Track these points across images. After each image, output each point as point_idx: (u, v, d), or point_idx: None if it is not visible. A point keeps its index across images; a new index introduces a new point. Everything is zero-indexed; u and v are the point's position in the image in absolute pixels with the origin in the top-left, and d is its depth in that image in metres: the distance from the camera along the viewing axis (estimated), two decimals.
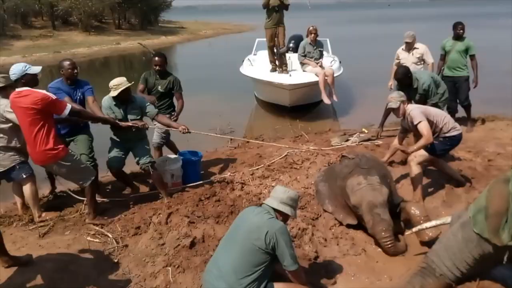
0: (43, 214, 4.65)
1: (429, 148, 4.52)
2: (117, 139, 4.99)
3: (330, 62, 10.19)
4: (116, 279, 3.78)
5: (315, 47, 9.10)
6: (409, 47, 7.14)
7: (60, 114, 4.15)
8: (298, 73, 9.18)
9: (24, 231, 4.50)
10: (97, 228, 4.47)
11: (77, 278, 3.71)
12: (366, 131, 7.21)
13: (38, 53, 20.29)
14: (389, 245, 3.82)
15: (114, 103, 4.88)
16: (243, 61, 11.20)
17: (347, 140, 6.71)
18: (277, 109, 9.71)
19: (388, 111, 5.55)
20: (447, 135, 4.50)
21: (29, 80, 4.22)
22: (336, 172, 4.58)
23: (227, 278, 2.88)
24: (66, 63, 4.91)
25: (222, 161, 6.46)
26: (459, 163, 5.63)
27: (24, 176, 4.56)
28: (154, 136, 5.93)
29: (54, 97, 4.12)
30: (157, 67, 5.69)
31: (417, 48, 7.12)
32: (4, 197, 5.16)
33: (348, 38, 21.77)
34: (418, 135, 4.65)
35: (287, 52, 9.64)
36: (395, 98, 4.65)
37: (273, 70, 9.44)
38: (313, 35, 8.92)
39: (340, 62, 10.84)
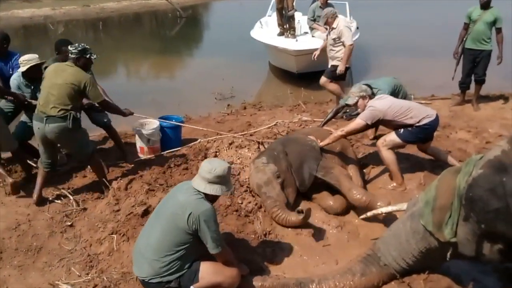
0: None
1: (401, 134, 4.23)
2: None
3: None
4: (65, 241, 3.80)
5: None
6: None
7: None
8: (306, 38, 8.76)
9: None
10: (62, 189, 4.47)
11: (25, 238, 3.75)
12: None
13: (67, 6, 20.25)
14: (282, 218, 3.69)
15: (24, 82, 4.69)
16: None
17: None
18: (286, 76, 9.39)
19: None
20: (417, 125, 4.18)
21: None
22: None
23: (148, 255, 2.81)
24: None
25: (209, 127, 6.31)
26: (451, 143, 5.26)
27: None
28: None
29: None
30: None
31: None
32: None
33: (373, 2, 20.59)
34: (386, 125, 4.42)
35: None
36: (354, 93, 4.36)
37: (281, 34, 9.06)
38: None
39: (357, 27, 10.27)
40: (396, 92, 5.13)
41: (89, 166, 4.78)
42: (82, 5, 20.71)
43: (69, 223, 4.00)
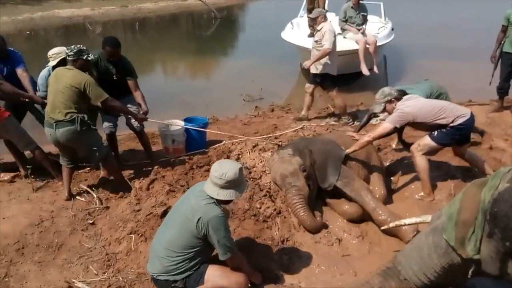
0: (1, 174, 4.78)
1: (435, 137, 4.02)
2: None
3: (378, 28, 9.43)
4: (86, 239, 3.85)
5: (357, 12, 8.40)
6: None
7: None
8: (337, 40, 8.57)
9: (23, 183, 4.70)
10: (86, 187, 4.55)
11: (47, 235, 3.82)
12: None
13: (106, 6, 20.76)
14: (300, 212, 3.62)
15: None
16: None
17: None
18: None
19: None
20: (451, 125, 3.95)
21: None
22: None
23: (159, 253, 2.84)
24: None
25: (235, 130, 6.29)
26: (486, 151, 5.01)
27: None
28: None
29: None
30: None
31: None
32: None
33: (408, 2, 19.95)
34: (417, 127, 4.24)
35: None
36: (379, 99, 4.15)
37: (311, 35, 8.88)
38: None
39: (392, 29, 10.01)
40: (433, 97, 4.86)
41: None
42: (120, 5, 21.17)
43: (91, 221, 4.06)
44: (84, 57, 4.23)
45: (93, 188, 4.60)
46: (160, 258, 2.81)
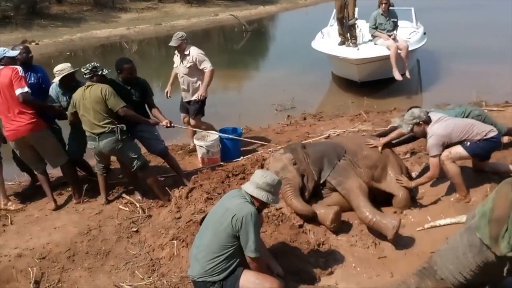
0: (9, 203, 4.80)
1: (468, 147, 4.04)
2: None
3: (410, 33, 9.40)
4: (131, 246, 4.06)
5: (387, 18, 8.46)
6: None
7: (15, 89, 4.31)
8: (368, 47, 8.65)
9: (70, 196, 4.98)
10: (129, 197, 4.79)
11: (95, 243, 4.06)
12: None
13: (141, 25, 21.42)
14: (291, 199, 3.83)
15: (61, 91, 4.82)
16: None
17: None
18: (349, 85, 9.31)
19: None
20: (485, 138, 4.00)
21: (8, 62, 4.46)
22: None
23: (198, 256, 2.98)
24: (20, 47, 4.87)
25: (268, 138, 6.44)
26: None
27: None
28: None
29: (21, 73, 4.36)
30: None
31: None
32: None
33: (441, 5, 19.58)
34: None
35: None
36: (407, 120, 4.16)
37: (342, 43, 9.01)
38: (384, 5, 8.29)
39: (424, 33, 9.95)
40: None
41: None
42: (154, 23, 21.85)
43: (135, 229, 4.28)
44: (99, 73, 4.50)
45: (137, 198, 4.83)
46: (199, 260, 2.95)
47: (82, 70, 4.51)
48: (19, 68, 4.39)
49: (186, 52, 5.67)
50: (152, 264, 3.75)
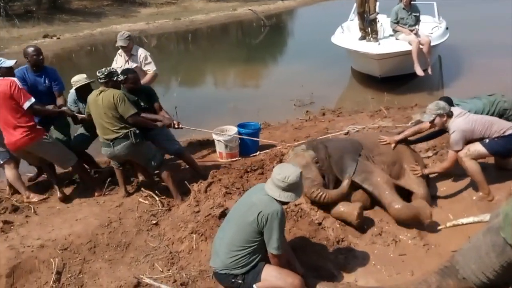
0: (31, 195, 4.84)
1: (487, 144, 3.99)
2: None
3: (432, 28, 9.24)
4: (151, 239, 4.10)
5: (409, 13, 8.31)
6: None
7: (22, 104, 4.31)
8: (389, 42, 8.53)
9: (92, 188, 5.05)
10: (148, 191, 4.83)
11: (116, 235, 4.12)
12: None
13: (160, 20, 21.55)
14: (319, 197, 3.81)
15: (76, 97, 4.96)
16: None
17: None
18: (369, 81, 9.20)
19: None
20: (504, 134, 3.94)
21: (4, 73, 4.40)
22: None
23: (221, 249, 2.99)
24: (30, 49, 4.85)
25: (287, 134, 6.42)
26: None
27: (1, 162, 4.84)
28: None
29: (20, 86, 4.33)
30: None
31: None
32: None
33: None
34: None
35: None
36: (431, 110, 4.09)
37: (362, 38, 8.90)
38: None
39: (447, 28, 9.77)
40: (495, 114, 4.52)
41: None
42: (174, 18, 21.94)
43: (155, 222, 4.31)
44: (115, 79, 4.50)
45: (156, 192, 4.87)
46: (222, 253, 2.96)
47: (98, 74, 4.50)
48: (16, 80, 4.36)
49: (133, 52, 5.56)
50: (172, 257, 3.78)
